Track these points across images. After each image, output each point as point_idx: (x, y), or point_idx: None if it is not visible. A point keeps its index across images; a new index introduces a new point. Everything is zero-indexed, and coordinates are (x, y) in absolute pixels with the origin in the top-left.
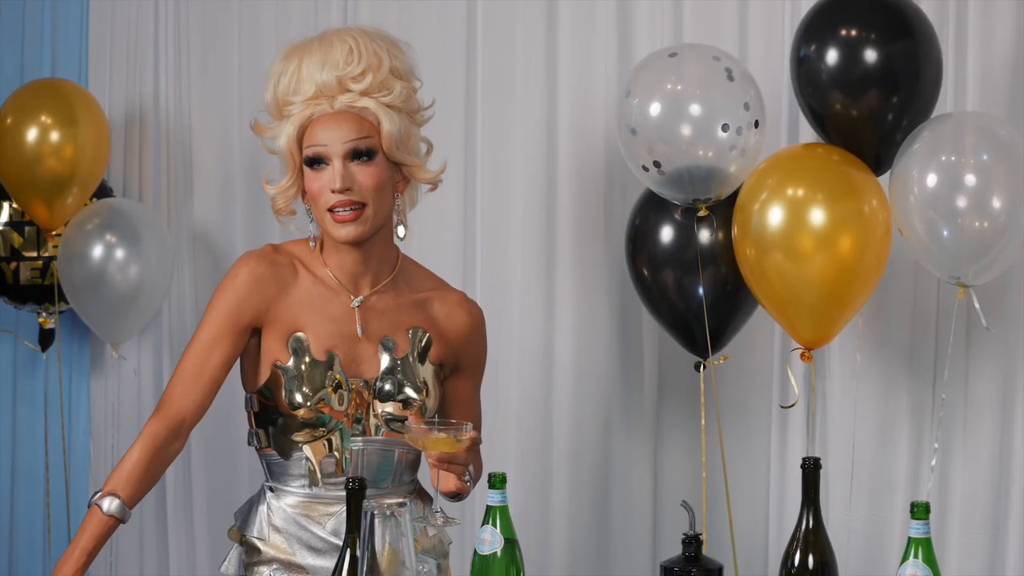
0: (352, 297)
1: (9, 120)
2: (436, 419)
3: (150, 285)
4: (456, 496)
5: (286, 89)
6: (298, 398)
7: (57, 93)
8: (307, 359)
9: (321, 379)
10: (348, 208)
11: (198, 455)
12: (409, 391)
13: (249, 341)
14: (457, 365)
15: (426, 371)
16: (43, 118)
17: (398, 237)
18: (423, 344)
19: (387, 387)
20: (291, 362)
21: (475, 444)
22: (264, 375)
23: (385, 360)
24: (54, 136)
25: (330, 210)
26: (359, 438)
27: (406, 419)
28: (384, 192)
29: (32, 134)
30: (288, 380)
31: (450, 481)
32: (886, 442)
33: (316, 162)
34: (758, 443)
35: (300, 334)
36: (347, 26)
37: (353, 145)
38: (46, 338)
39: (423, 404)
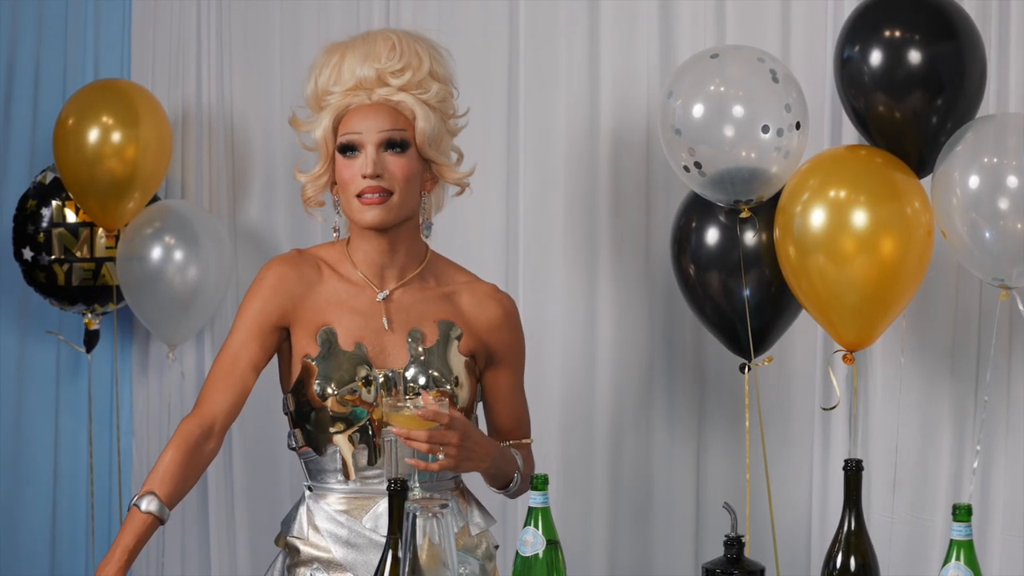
0: (378, 291)
1: (71, 121)
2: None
3: (208, 287)
4: (504, 489)
5: (326, 81)
6: (328, 389)
7: (119, 93)
8: (335, 350)
9: (351, 370)
10: (376, 193)
11: (240, 459)
12: (441, 382)
13: (281, 343)
14: (491, 358)
15: (457, 362)
16: (104, 119)
17: (424, 235)
18: (453, 335)
19: (419, 380)
20: (319, 354)
21: (449, 420)
22: (296, 372)
23: (411, 352)
24: (116, 137)
25: (359, 196)
26: (391, 430)
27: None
28: (413, 185)
29: (94, 135)
30: (319, 372)
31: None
32: (928, 444)
33: (349, 149)
34: (800, 445)
35: (328, 327)
36: (391, 28)
37: (388, 135)
38: (91, 340)
39: (454, 394)
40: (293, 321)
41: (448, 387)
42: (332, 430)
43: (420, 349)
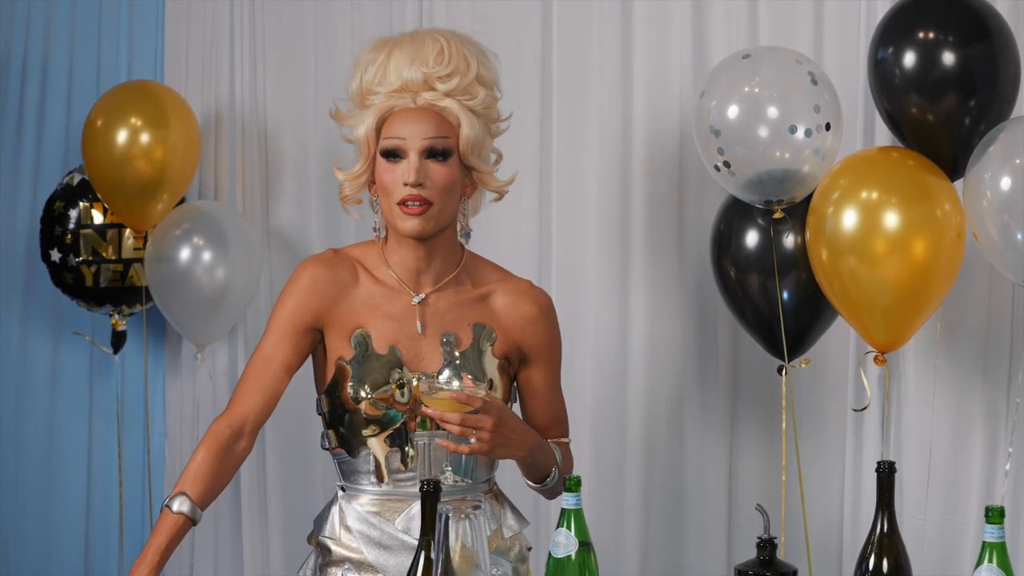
0: (413, 295)
1: (99, 122)
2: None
3: (237, 287)
4: (542, 484)
5: (372, 79)
6: (361, 392)
7: (148, 95)
8: (369, 354)
9: (384, 373)
10: (417, 202)
11: (273, 458)
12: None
13: (315, 345)
14: (525, 356)
15: (491, 365)
16: (133, 120)
17: (463, 241)
18: (487, 338)
19: (453, 383)
20: (353, 356)
21: (492, 407)
22: (330, 374)
23: (445, 356)
24: (144, 138)
25: (400, 203)
26: (424, 432)
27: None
28: (453, 193)
29: (122, 136)
30: (352, 375)
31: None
32: (960, 446)
33: (392, 154)
34: (833, 447)
35: (362, 330)
36: (438, 27)
37: (431, 143)
38: (118, 340)
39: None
40: (327, 323)
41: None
42: (365, 432)
43: (455, 353)
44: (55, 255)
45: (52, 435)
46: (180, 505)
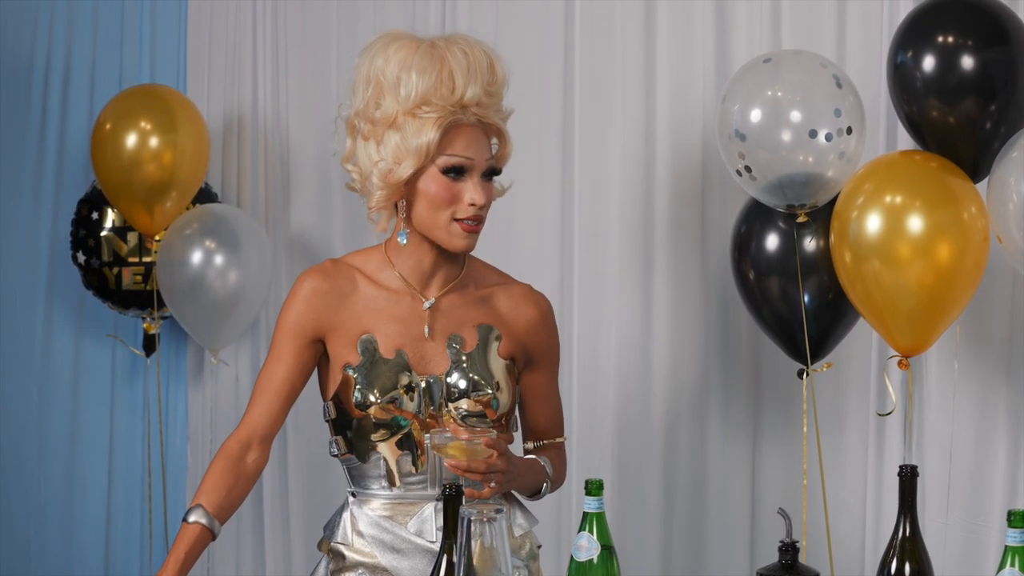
0: (423, 299)
1: (108, 126)
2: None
3: (249, 291)
4: (535, 495)
5: (429, 89)
6: (370, 397)
7: (157, 99)
8: (377, 359)
9: (392, 378)
10: (476, 222)
11: (295, 463)
12: (481, 386)
13: (320, 355)
14: (529, 358)
15: (497, 366)
16: (143, 124)
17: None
18: (493, 339)
19: (460, 384)
20: (361, 362)
21: (502, 447)
22: (337, 380)
23: (452, 358)
24: (153, 142)
25: (459, 220)
26: (437, 432)
27: (482, 414)
28: None
29: (131, 140)
30: (359, 380)
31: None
32: (983, 450)
33: (456, 171)
34: (855, 451)
35: (368, 335)
36: (461, 35)
37: (491, 164)
38: (150, 343)
39: (494, 398)
40: (328, 332)
41: (489, 391)
42: (374, 437)
43: (461, 355)
44: (80, 257)
45: (74, 438)
46: (195, 516)
